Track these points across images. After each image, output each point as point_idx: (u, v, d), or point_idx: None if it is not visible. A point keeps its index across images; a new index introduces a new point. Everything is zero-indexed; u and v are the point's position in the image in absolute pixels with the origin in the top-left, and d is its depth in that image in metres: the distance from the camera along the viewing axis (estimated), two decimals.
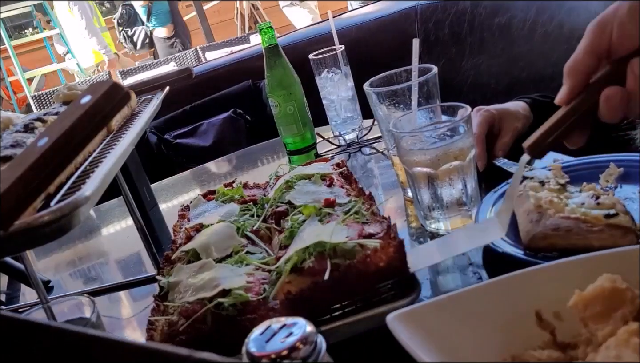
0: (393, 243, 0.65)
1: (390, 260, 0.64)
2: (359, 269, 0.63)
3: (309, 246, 0.66)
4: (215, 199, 0.97)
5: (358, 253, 0.65)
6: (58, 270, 1.21)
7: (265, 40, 1.26)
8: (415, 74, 0.89)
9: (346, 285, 0.63)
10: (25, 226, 0.48)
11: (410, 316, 0.50)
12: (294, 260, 0.65)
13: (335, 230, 0.68)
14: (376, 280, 0.65)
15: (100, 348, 0.27)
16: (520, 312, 0.51)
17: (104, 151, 0.67)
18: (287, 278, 0.65)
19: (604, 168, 0.80)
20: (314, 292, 0.63)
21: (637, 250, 0.52)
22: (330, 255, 0.65)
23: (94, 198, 0.54)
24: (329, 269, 0.63)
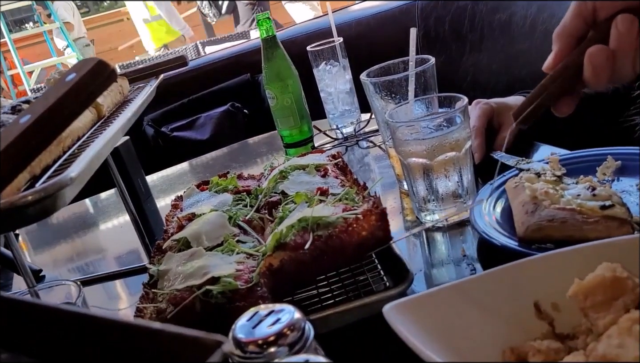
0: (375, 211, 0.64)
1: (373, 229, 0.63)
2: (341, 238, 0.62)
3: (293, 223, 0.65)
4: (208, 190, 0.96)
5: (340, 224, 0.64)
6: (51, 260, 1.20)
7: (263, 31, 1.25)
8: (413, 64, 0.88)
9: (328, 255, 0.63)
10: (8, 206, 0.47)
11: (407, 307, 0.49)
12: (276, 236, 0.65)
13: (320, 207, 0.67)
14: (359, 250, 0.64)
15: (70, 322, 0.26)
16: (518, 303, 0.50)
17: (93, 135, 0.66)
18: (271, 254, 0.64)
19: (601, 161, 0.79)
20: (295, 263, 0.62)
21: (636, 239, 0.51)
22: (314, 229, 0.65)
23: (80, 180, 0.53)
24: (311, 240, 0.62)
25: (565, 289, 0.50)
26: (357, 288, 0.68)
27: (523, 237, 0.67)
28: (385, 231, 0.65)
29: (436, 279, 0.73)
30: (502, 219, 0.74)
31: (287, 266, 0.64)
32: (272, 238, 0.66)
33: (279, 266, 0.63)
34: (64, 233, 1.29)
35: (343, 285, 0.69)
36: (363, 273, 0.71)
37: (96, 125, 0.71)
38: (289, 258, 0.64)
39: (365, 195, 0.75)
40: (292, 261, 0.64)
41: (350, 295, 0.67)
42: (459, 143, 0.78)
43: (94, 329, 0.27)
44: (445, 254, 0.78)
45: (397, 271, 0.68)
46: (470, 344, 0.48)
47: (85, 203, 1.46)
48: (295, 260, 0.64)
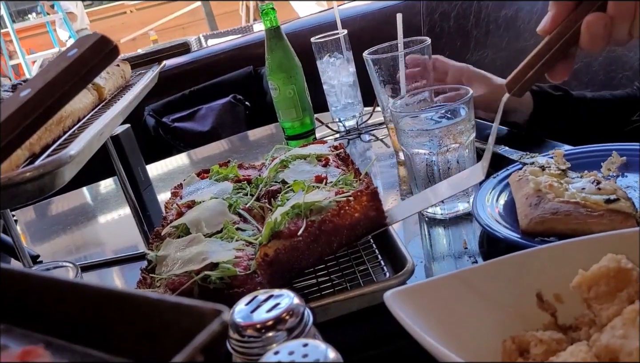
0: (366, 191, 0.63)
1: (365, 210, 0.62)
2: (334, 222, 0.62)
3: (287, 211, 0.65)
4: (209, 178, 0.95)
5: (332, 208, 0.63)
6: (49, 248, 1.20)
7: (267, 21, 1.24)
8: (401, 46, 0.94)
9: (322, 240, 0.62)
10: (6, 182, 0.46)
11: (409, 294, 0.48)
12: (270, 225, 0.64)
13: (313, 193, 0.67)
14: (353, 232, 0.63)
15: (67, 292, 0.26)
16: (521, 293, 0.50)
17: (93, 117, 0.66)
18: (267, 244, 0.63)
19: (606, 156, 0.78)
20: (290, 251, 0.61)
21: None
22: (307, 214, 0.64)
23: (79, 160, 0.52)
24: (304, 226, 0.62)
25: (569, 280, 0.49)
26: (356, 278, 0.67)
27: (526, 230, 0.66)
28: (378, 210, 0.65)
29: (437, 271, 0.73)
30: (505, 212, 0.74)
31: (282, 255, 0.63)
32: (266, 227, 0.66)
33: (274, 256, 0.63)
34: (63, 221, 1.29)
35: (343, 274, 0.69)
36: (363, 262, 0.70)
37: (97, 107, 0.70)
38: (284, 246, 0.63)
39: (361, 178, 0.75)
40: (287, 250, 0.63)
41: (350, 284, 0.66)
42: (462, 135, 0.77)
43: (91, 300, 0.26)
44: (447, 247, 0.78)
45: (398, 261, 0.67)
46: (471, 333, 0.48)
47: (85, 191, 1.45)
48: (290, 248, 0.63)
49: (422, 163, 0.79)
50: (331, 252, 0.64)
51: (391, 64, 0.96)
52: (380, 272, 0.68)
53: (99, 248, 1.14)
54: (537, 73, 0.56)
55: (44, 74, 0.44)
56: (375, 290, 0.62)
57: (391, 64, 0.97)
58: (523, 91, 0.58)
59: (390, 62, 0.96)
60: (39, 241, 1.26)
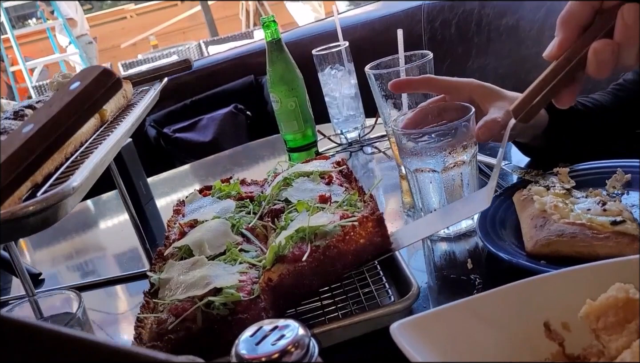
0: (371, 217, 0.63)
1: (370, 235, 0.62)
2: (339, 248, 0.61)
3: (291, 234, 0.64)
4: (211, 195, 0.94)
5: (338, 233, 0.63)
6: (51, 262, 1.19)
7: (268, 34, 1.24)
8: (402, 62, 0.94)
9: (327, 265, 0.62)
10: (8, 216, 0.46)
11: (415, 325, 0.48)
12: (274, 249, 0.63)
13: (318, 216, 0.66)
14: (358, 258, 0.63)
15: (74, 348, 0.25)
16: (528, 322, 0.49)
17: (96, 141, 0.65)
18: (270, 268, 0.63)
19: (610, 173, 0.78)
20: (294, 276, 0.61)
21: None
22: (311, 239, 0.63)
23: (82, 189, 0.52)
24: (308, 252, 0.61)
25: (576, 308, 0.49)
26: (361, 301, 0.67)
27: (532, 252, 0.66)
28: (384, 236, 0.64)
29: (441, 292, 0.72)
30: (509, 232, 0.73)
31: (287, 280, 0.62)
32: (270, 251, 0.65)
33: (278, 281, 0.62)
34: (64, 235, 1.28)
35: (347, 297, 0.68)
36: (367, 285, 0.70)
37: (99, 130, 0.70)
38: (288, 271, 0.62)
39: (366, 199, 0.74)
40: (291, 275, 0.62)
41: (355, 308, 0.66)
42: (465, 152, 0.77)
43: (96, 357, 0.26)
44: (451, 266, 0.77)
45: (402, 282, 0.67)
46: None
47: (86, 205, 1.44)
48: (294, 273, 0.62)
49: (425, 180, 0.79)
50: (336, 277, 0.64)
51: (393, 78, 0.96)
52: (385, 295, 0.67)
53: (101, 262, 1.14)
54: (544, 99, 0.56)
55: (47, 108, 0.43)
56: (380, 315, 0.61)
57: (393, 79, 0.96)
58: (530, 117, 0.57)
59: (392, 77, 0.96)
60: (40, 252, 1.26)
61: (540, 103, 0.56)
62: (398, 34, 0.93)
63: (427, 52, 0.99)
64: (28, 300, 0.64)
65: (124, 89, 0.82)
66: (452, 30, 1.84)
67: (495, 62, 1.71)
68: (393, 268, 0.70)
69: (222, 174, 1.36)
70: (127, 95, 0.84)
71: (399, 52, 0.94)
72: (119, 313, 0.91)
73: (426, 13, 1.89)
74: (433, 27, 1.87)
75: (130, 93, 0.86)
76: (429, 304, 0.68)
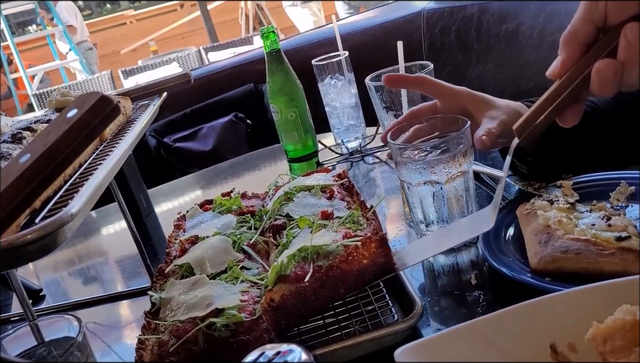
0: (375, 237, 0.62)
1: (373, 256, 0.62)
2: (342, 268, 0.61)
3: (294, 253, 0.64)
4: (212, 210, 0.94)
5: (341, 253, 0.62)
6: (52, 275, 1.19)
7: (267, 45, 1.23)
8: (402, 72, 0.95)
9: (329, 286, 0.61)
10: (7, 246, 0.45)
11: (420, 350, 0.47)
12: (276, 268, 0.63)
13: (320, 234, 0.66)
14: (361, 279, 0.62)
15: None
16: (534, 343, 0.49)
17: (95, 161, 0.65)
18: (272, 288, 0.62)
19: (614, 185, 0.77)
20: (296, 297, 0.60)
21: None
22: (314, 259, 0.63)
23: (82, 214, 0.51)
24: (311, 272, 0.61)
25: (583, 329, 0.48)
26: (364, 320, 0.66)
27: (536, 268, 0.65)
28: (387, 256, 0.64)
29: (445, 309, 0.71)
30: (513, 246, 0.73)
31: (289, 301, 0.62)
32: (272, 271, 0.64)
33: (281, 301, 0.61)
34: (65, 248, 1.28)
35: (350, 315, 0.68)
36: (370, 303, 0.69)
37: (98, 150, 0.69)
38: (290, 292, 0.62)
39: (368, 216, 0.74)
40: (294, 295, 0.62)
41: (358, 327, 0.65)
42: (463, 164, 0.76)
43: None
44: (455, 281, 0.76)
45: (406, 300, 0.66)
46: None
47: (87, 217, 1.44)
48: (296, 293, 0.62)
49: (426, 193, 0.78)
50: (338, 298, 0.63)
51: (393, 90, 0.96)
52: (389, 314, 0.66)
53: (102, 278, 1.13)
54: (547, 118, 0.55)
55: (44, 137, 0.43)
56: (384, 334, 0.61)
57: (393, 91, 0.96)
58: (534, 138, 0.57)
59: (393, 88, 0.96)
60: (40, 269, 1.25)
61: (543, 123, 0.55)
62: (398, 46, 0.93)
63: (427, 63, 0.98)
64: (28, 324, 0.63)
65: (123, 106, 0.81)
66: (452, 36, 1.83)
67: (495, 69, 1.71)
68: (396, 285, 0.69)
69: (223, 185, 1.35)
70: (127, 111, 0.83)
71: (399, 64, 0.93)
72: (120, 329, 0.90)
73: (425, 19, 1.89)
74: (433, 34, 1.87)
75: (129, 109, 0.85)
76: (433, 322, 0.68)
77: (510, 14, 1.68)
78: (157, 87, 0.93)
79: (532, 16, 1.60)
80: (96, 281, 1.11)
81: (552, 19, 1.55)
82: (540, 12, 1.58)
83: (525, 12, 1.63)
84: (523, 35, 1.62)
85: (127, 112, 0.83)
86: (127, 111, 0.84)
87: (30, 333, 0.62)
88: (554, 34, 1.52)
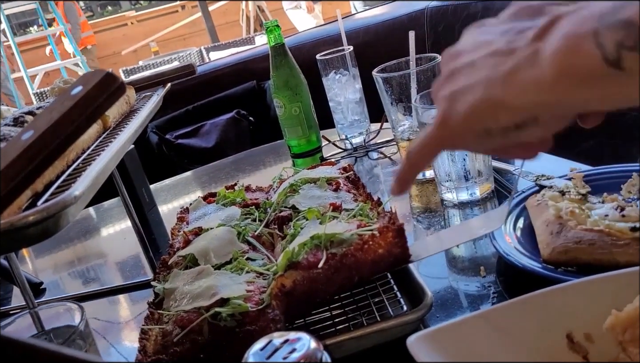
0: (392, 227, 0.61)
1: (390, 246, 0.60)
2: (357, 257, 0.59)
3: (306, 241, 0.62)
4: (216, 202, 0.93)
5: (356, 242, 0.61)
6: (53, 270, 1.17)
7: (271, 39, 1.22)
8: (413, 64, 0.94)
9: (343, 274, 0.60)
10: (8, 227, 0.44)
11: (432, 338, 0.46)
12: (287, 254, 0.62)
13: (332, 224, 0.64)
14: (375, 268, 0.61)
15: None
16: (550, 333, 0.47)
17: (98, 148, 0.63)
18: (283, 274, 0.61)
19: (625, 178, 0.76)
20: (309, 283, 0.59)
21: None
22: (327, 246, 0.61)
23: (85, 198, 0.50)
24: (324, 259, 0.59)
25: (600, 319, 0.47)
26: (372, 311, 0.65)
27: (548, 259, 0.64)
28: (403, 247, 0.62)
29: (455, 301, 0.70)
30: (523, 239, 0.71)
31: (300, 287, 0.61)
32: (283, 257, 0.63)
33: (292, 286, 0.60)
34: (65, 242, 1.26)
35: (358, 307, 0.66)
36: (378, 294, 0.67)
37: (102, 137, 0.68)
38: (302, 277, 0.61)
39: (380, 211, 0.72)
40: (306, 281, 0.60)
41: (366, 318, 0.64)
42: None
43: None
44: (464, 272, 0.75)
45: (415, 291, 0.65)
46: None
47: (88, 212, 1.43)
48: (308, 280, 0.61)
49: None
50: (349, 287, 0.62)
51: (403, 82, 0.94)
52: (397, 305, 0.65)
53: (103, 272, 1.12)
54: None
55: (48, 114, 0.41)
56: (393, 325, 0.59)
57: (403, 83, 0.95)
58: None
59: (402, 80, 0.94)
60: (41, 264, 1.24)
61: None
62: (410, 36, 0.93)
63: (435, 55, 0.97)
64: (29, 312, 0.62)
65: (126, 95, 0.80)
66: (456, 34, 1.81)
67: None
68: (404, 276, 0.68)
69: (226, 181, 1.34)
70: (130, 101, 0.82)
71: (410, 55, 0.92)
72: (122, 323, 0.88)
73: (429, 17, 1.88)
74: (436, 32, 1.86)
75: (133, 99, 0.84)
76: (442, 314, 0.66)
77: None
78: (161, 78, 0.92)
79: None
80: (97, 274, 1.10)
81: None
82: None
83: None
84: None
85: (131, 102, 0.82)
86: (131, 101, 0.82)
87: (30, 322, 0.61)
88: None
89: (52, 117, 0.40)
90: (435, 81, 0.46)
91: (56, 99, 0.43)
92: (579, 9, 0.37)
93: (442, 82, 0.45)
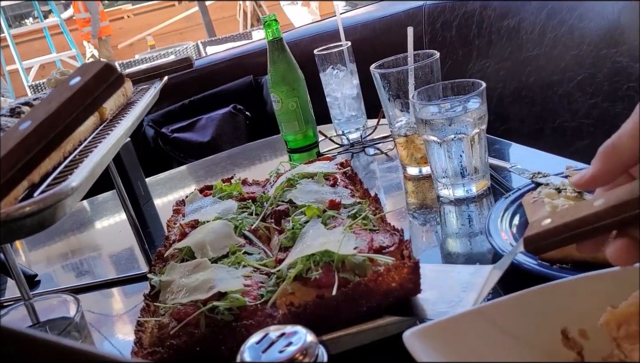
0: (408, 263, 0.60)
1: (403, 281, 0.60)
2: (369, 287, 0.59)
3: (315, 254, 0.62)
4: (212, 195, 0.92)
5: (368, 269, 0.61)
6: (47, 263, 1.17)
7: (269, 33, 1.22)
8: (411, 60, 0.94)
9: (353, 302, 0.59)
10: (4, 217, 0.43)
11: (428, 333, 0.46)
12: (298, 267, 0.61)
13: (343, 240, 0.64)
14: (385, 301, 0.60)
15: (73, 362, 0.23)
16: (545, 329, 0.47)
17: (95, 140, 0.63)
18: (290, 287, 0.61)
19: None
20: (319, 307, 0.58)
21: None
22: (339, 268, 0.61)
23: (81, 190, 0.50)
24: (337, 284, 0.59)
25: (595, 315, 0.47)
26: None
27: (543, 257, 0.64)
28: (415, 283, 0.61)
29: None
30: (519, 235, 0.72)
31: (310, 311, 0.59)
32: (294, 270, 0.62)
33: (301, 309, 0.59)
34: (60, 235, 1.26)
35: None
36: None
37: (98, 128, 0.68)
38: (312, 300, 0.59)
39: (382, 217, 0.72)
40: (314, 304, 0.59)
41: None
42: (473, 123, 0.83)
43: None
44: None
45: None
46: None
47: (83, 205, 1.42)
48: (317, 304, 0.59)
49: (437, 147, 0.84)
50: (356, 315, 0.60)
51: (400, 78, 0.94)
52: None
53: (98, 265, 1.11)
54: (564, 242, 0.46)
55: (46, 104, 0.41)
56: (390, 322, 0.59)
57: (400, 79, 0.95)
58: (541, 252, 0.48)
59: (399, 76, 0.94)
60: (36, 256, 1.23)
61: (557, 244, 0.46)
62: (408, 31, 0.93)
63: (433, 51, 0.97)
64: (24, 303, 0.62)
65: (123, 87, 0.80)
66: (453, 32, 1.82)
67: (496, 64, 1.70)
68: None
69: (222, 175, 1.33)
70: (127, 93, 0.82)
71: (409, 51, 0.93)
72: (116, 316, 0.88)
73: (427, 14, 1.88)
74: (434, 29, 1.86)
75: (130, 91, 0.84)
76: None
77: (511, 9, 1.67)
78: (158, 71, 0.92)
79: (534, 12, 1.60)
80: (92, 267, 1.09)
81: (553, 16, 1.54)
82: (542, 8, 1.58)
83: (526, 8, 1.62)
84: (524, 32, 1.62)
85: (128, 94, 0.82)
86: (128, 93, 0.82)
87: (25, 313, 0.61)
88: (555, 30, 1.52)
89: (50, 108, 0.40)
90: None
91: (54, 89, 0.43)
92: None
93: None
